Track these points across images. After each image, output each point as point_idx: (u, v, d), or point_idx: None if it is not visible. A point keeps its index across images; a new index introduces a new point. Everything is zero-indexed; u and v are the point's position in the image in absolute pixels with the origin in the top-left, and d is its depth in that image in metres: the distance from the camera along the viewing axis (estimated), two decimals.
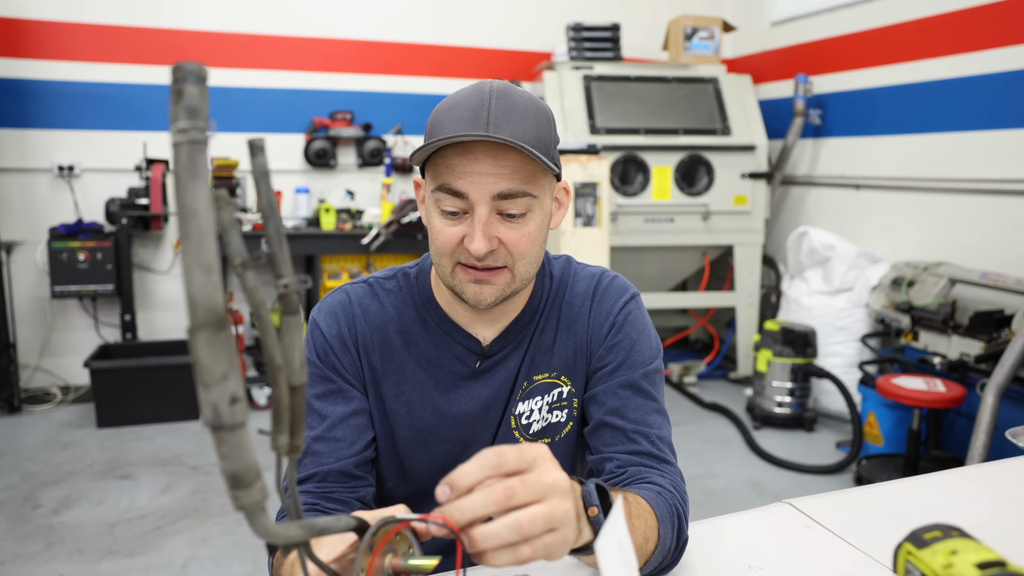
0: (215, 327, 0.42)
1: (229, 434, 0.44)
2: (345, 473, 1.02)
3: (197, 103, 0.40)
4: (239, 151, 4.35)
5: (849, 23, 4.25)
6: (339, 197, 4.57)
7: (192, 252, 0.41)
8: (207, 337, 0.42)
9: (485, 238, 0.94)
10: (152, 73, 4.26)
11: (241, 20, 4.40)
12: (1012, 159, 3.37)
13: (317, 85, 4.56)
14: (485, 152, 0.93)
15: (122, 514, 2.85)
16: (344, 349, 1.07)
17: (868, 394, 3.48)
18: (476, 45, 4.86)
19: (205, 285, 0.41)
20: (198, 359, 0.42)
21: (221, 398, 0.43)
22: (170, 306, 4.43)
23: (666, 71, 4.47)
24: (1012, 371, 2.79)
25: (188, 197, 0.40)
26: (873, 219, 4.15)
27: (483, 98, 0.93)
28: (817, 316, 3.98)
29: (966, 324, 3.25)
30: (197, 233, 0.41)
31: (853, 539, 1.10)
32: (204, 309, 0.41)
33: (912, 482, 1.34)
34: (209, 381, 0.42)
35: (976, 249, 3.54)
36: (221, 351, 0.42)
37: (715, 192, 4.32)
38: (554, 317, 1.12)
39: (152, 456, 3.41)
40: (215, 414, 0.43)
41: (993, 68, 3.44)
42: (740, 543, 1.08)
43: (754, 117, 4.43)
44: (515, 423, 1.11)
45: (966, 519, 1.20)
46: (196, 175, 0.41)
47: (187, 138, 0.40)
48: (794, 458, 3.49)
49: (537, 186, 0.97)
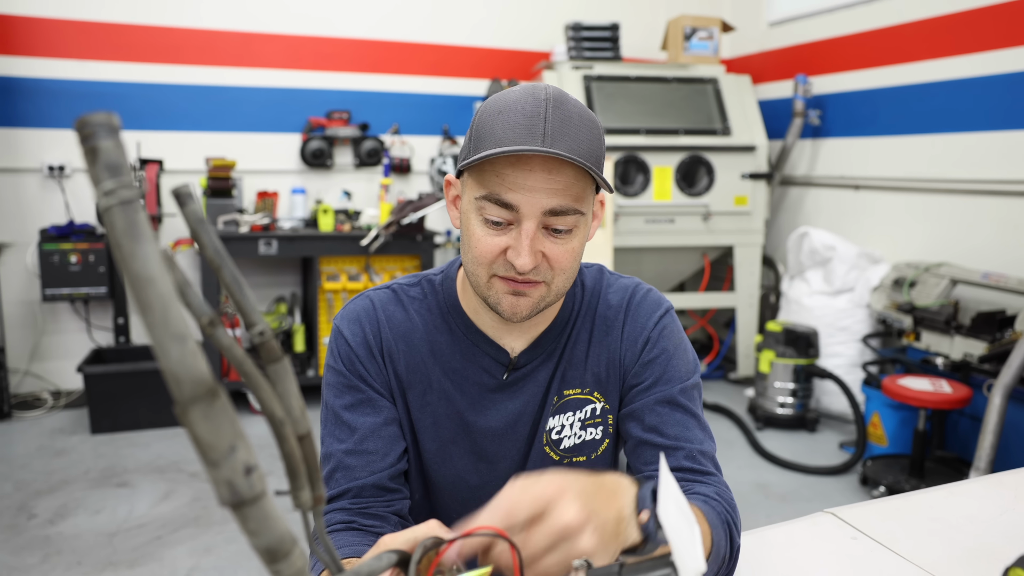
0: (208, 398, 0.37)
1: (253, 508, 0.39)
2: (380, 487, 0.99)
3: (117, 158, 0.35)
4: (235, 151, 4.29)
5: (847, 24, 4.24)
6: (336, 198, 4.51)
7: (159, 324, 0.35)
8: (202, 411, 0.37)
9: (531, 253, 0.91)
10: (146, 71, 4.18)
11: (237, 18, 4.33)
12: (1012, 160, 3.37)
13: (313, 84, 4.50)
14: (541, 165, 0.88)
15: (121, 523, 2.79)
16: (370, 356, 1.03)
17: (872, 395, 3.47)
18: (474, 44, 4.82)
19: (184, 356, 0.35)
20: (198, 437, 0.37)
21: (234, 473, 0.38)
22: None
23: (666, 71, 4.45)
24: (1019, 372, 2.78)
25: (138, 265, 0.35)
26: (872, 220, 4.14)
27: (538, 105, 0.89)
28: (818, 317, 3.97)
29: (968, 325, 3.25)
30: (159, 302, 0.35)
31: (902, 550, 1.08)
32: (191, 383, 0.36)
33: (951, 489, 1.32)
34: (217, 458, 0.37)
35: (977, 250, 3.54)
36: (221, 422, 0.37)
37: (715, 192, 4.31)
38: (586, 329, 1.09)
39: (149, 463, 3.34)
40: (232, 491, 0.38)
41: (993, 70, 3.44)
42: (787, 556, 1.05)
43: (754, 117, 4.42)
44: (546, 439, 1.07)
45: (1010, 527, 1.18)
46: (140, 238, 0.35)
47: (117, 199, 0.35)
48: (797, 459, 3.48)
49: (585, 203, 0.94)
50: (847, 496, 3.18)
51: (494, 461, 1.08)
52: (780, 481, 3.31)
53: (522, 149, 0.85)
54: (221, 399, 0.37)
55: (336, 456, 0.99)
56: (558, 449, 1.08)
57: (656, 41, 4.99)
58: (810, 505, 3.06)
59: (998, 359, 3.05)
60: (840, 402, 3.89)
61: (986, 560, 1.05)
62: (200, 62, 4.28)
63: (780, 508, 3.04)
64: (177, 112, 4.28)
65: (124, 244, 0.35)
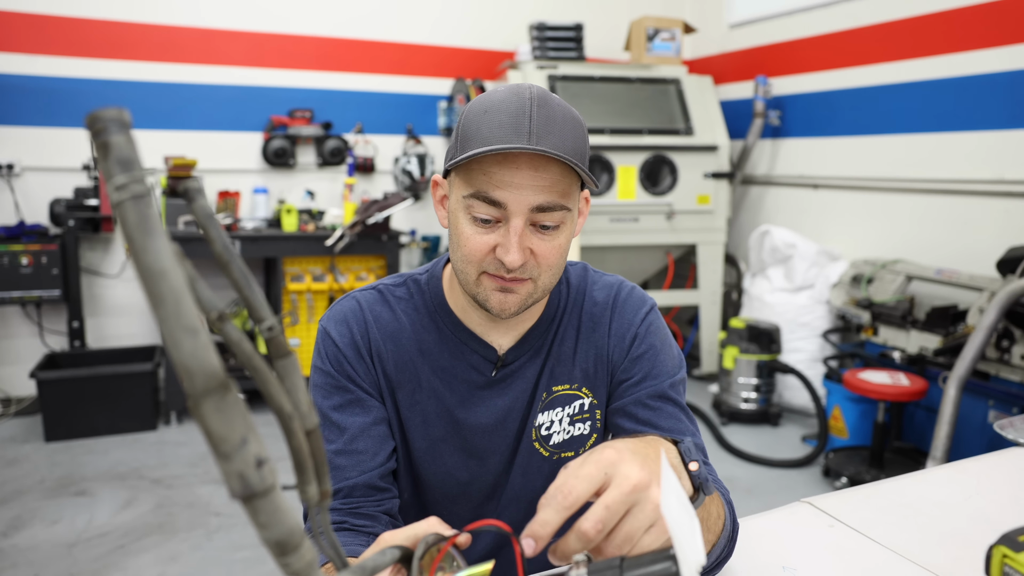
0: (220, 391, 0.37)
1: (264, 501, 0.39)
2: (370, 486, 0.99)
3: (129, 153, 0.35)
4: (195, 150, 4.21)
5: (806, 27, 4.33)
6: (299, 197, 4.45)
7: (172, 317, 0.35)
8: (215, 404, 0.37)
9: (520, 250, 0.92)
10: (99, 67, 4.07)
11: (197, 14, 4.25)
12: (961, 160, 3.48)
13: (275, 82, 4.44)
14: (527, 163, 0.90)
15: (80, 533, 2.70)
16: (358, 357, 1.04)
17: (833, 389, 3.55)
18: (438, 43, 4.80)
19: (196, 349, 0.36)
20: (211, 430, 0.37)
21: (246, 465, 0.38)
22: (121, 312, 4.25)
23: (629, 71, 4.49)
24: (972, 364, 2.87)
25: (151, 258, 0.35)
26: (831, 218, 4.23)
27: (523, 104, 0.90)
28: (780, 313, 4.05)
29: (923, 319, 3.35)
30: (171, 295, 0.35)
31: (876, 535, 1.10)
32: (203, 376, 0.36)
33: (919, 477, 1.36)
34: (228, 451, 0.37)
35: (930, 247, 3.64)
36: (233, 415, 0.37)
37: (679, 192, 4.35)
38: (573, 326, 1.10)
39: (108, 470, 3.25)
40: (244, 484, 0.38)
41: (944, 73, 3.54)
42: (769, 544, 1.07)
43: (716, 118, 4.48)
44: (535, 435, 1.08)
45: (976, 511, 1.21)
46: (152, 232, 0.35)
47: (129, 194, 0.35)
48: (762, 453, 3.54)
49: (572, 199, 0.95)
50: (811, 488, 3.24)
51: (483, 457, 1.08)
52: (746, 475, 3.36)
53: (509, 147, 0.86)
54: (233, 392, 0.37)
55: (327, 457, 0.98)
56: (547, 445, 1.09)
57: (619, 42, 5.03)
58: (776, 498, 3.11)
59: (952, 352, 3.14)
60: (802, 396, 3.96)
61: (957, 543, 1.08)
62: (158, 59, 4.19)
63: (747, 501, 3.09)
64: (134, 109, 4.18)
65: (136, 238, 0.35)
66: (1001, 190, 3.30)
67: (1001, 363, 3.01)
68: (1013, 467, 1.39)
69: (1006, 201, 3.30)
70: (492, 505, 1.11)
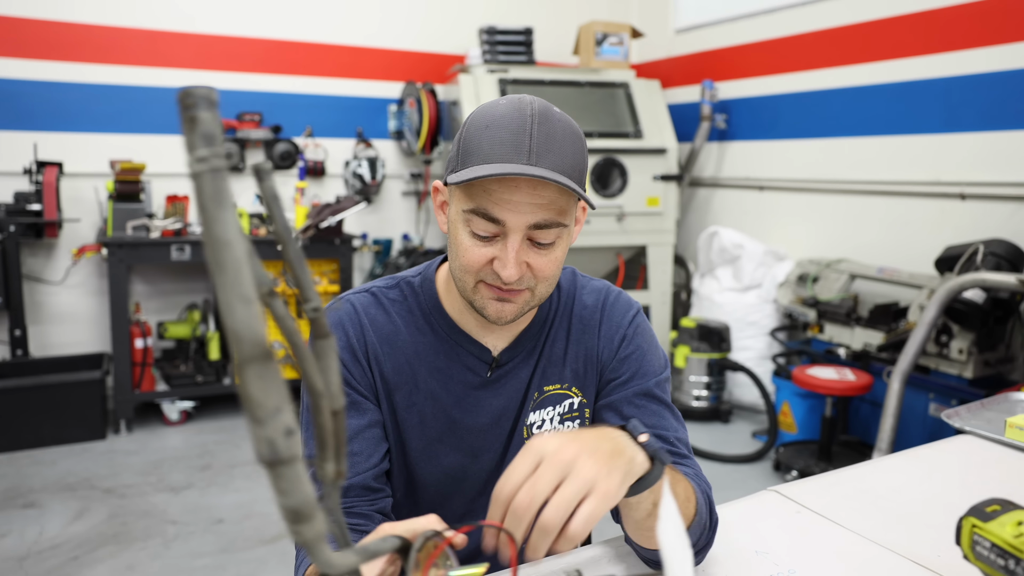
0: (263, 359, 0.40)
1: (287, 468, 0.42)
2: (364, 487, 1.02)
3: (213, 129, 0.39)
4: (141, 153, 4.11)
5: (751, 33, 4.46)
6: (248, 201, 4.39)
7: (230, 284, 0.39)
8: (257, 371, 0.40)
9: (517, 265, 0.95)
10: (39, 68, 3.95)
11: (141, 15, 4.15)
12: (900, 163, 3.62)
13: (223, 85, 4.37)
14: (527, 183, 0.93)
15: (31, 546, 2.63)
16: (354, 361, 1.06)
17: (782, 385, 3.65)
18: (388, 46, 4.79)
19: (248, 317, 0.39)
20: (249, 395, 0.40)
21: (276, 432, 0.41)
22: (65, 319, 4.13)
23: (579, 75, 4.55)
24: (914, 359, 2.99)
25: (219, 228, 0.39)
26: (776, 219, 4.36)
27: (524, 122, 0.93)
28: (728, 312, 4.15)
29: (867, 316, 3.47)
30: (233, 264, 0.39)
31: (840, 519, 1.15)
32: (250, 342, 0.39)
33: (875, 464, 1.43)
34: (262, 416, 0.40)
35: (872, 246, 3.78)
36: (272, 383, 0.40)
37: (629, 194, 4.43)
38: (564, 328, 1.14)
39: (57, 481, 3.16)
40: (272, 449, 0.41)
41: (883, 79, 3.69)
42: (742, 530, 1.11)
43: (664, 121, 4.57)
44: (527, 433, 1.12)
45: (930, 494, 1.28)
46: (223, 204, 0.39)
47: (208, 167, 0.39)
48: (714, 449, 3.62)
49: (569, 216, 0.99)
50: (763, 482, 3.33)
51: (478, 455, 1.11)
52: None
53: (508, 172, 0.89)
54: (274, 363, 0.40)
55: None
56: None
57: (568, 46, 5.09)
58: (729, 492, 3.18)
59: (894, 348, 3.27)
60: (752, 393, 4.07)
61: (914, 523, 1.14)
62: (102, 60, 4.08)
63: None
64: (77, 112, 4.07)
65: (209, 208, 0.38)
66: (938, 191, 3.46)
67: (940, 357, 3.14)
68: (961, 453, 1.47)
69: (942, 202, 3.45)
70: (483, 500, 1.13)
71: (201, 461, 3.43)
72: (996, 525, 0.63)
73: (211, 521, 2.86)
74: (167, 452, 3.53)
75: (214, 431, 3.82)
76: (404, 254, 4.64)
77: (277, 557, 2.62)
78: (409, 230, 4.98)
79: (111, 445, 3.59)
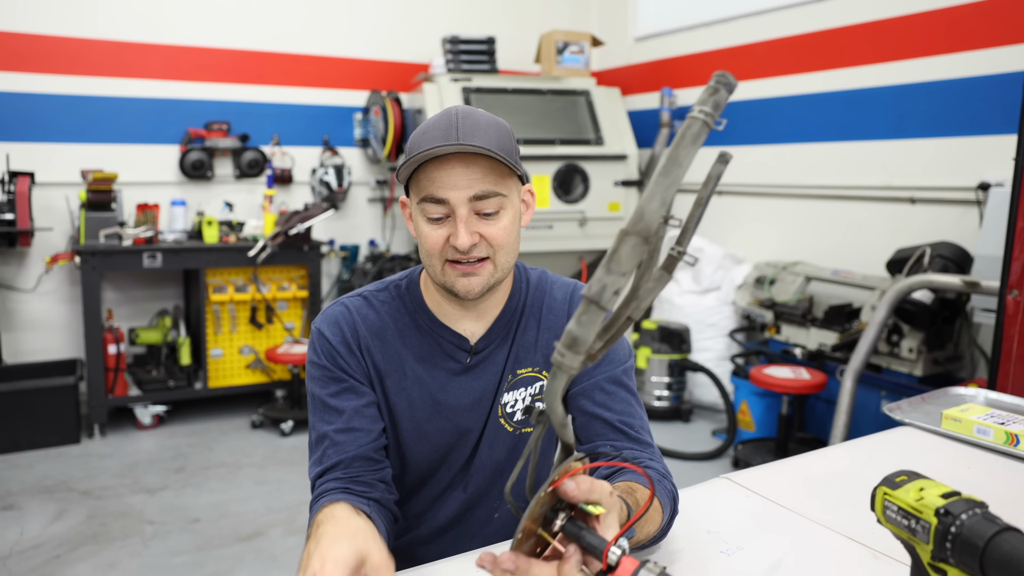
0: (642, 239, 0.56)
1: (597, 312, 0.56)
2: (367, 458, 1.14)
3: (721, 102, 0.59)
4: (111, 163, 4.11)
5: (708, 41, 4.57)
6: (217, 209, 4.39)
7: (661, 185, 0.57)
8: (633, 243, 0.56)
9: (468, 233, 1.08)
10: (11, 80, 3.94)
11: (107, 27, 4.16)
12: (851, 168, 3.75)
13: (191, 95, 4.38)
14: (458, 161, 1.07)
15: (12, 547, 2.66)
16: (349, 352, 1.18)
17: (740, 384, 3.75)
18: (353, 56, 4.82)
19: (655, 211, 0.56)
20: (617, 252, 0.56)
21: (613, 284, 0.56)
22: (37, 326, 4.10)
23: (541, 83, 4.63)
24: (866, 358, 3.10)
25: (681, 153, 0.58)
26: (735, 223, 4.47)
27: (451, 119, 1.07)
28: (689, 314, 4.24)
29: (822, 317, 3.58)
30: (674, 177, 0.57)
31: (785, 502, 1.23)
32: (643, 224, 0.56)
33: (819, 454, 1.51)
34: (614, 268, 0.56)
35: (827, 249, 3.90)
36: (635, 255, 0.56)
37: (591, 199, 4.51)
38: (535, 318, 1.26)
39: (35, 484, 3.19)
40: (599, 292, 0.56)
41: (835, 87, 3.82)
42: (695, 512, 1.18)
43: (624, 128, 4.66)
44: (501, 411, 1.23)
45: (868, 479, 1.34)
46: (693, 144, 0.58)
47: (703, 118, 0.58)
48: (675, 447, 3.70)
49: (506, 186, 1.11)
50: None
51: (462, 434, 1.23)
52: None
53: (437, 148, 1.04)
54: (644, 249, 0.58)
55: (328, 435, 1.15)
56: (511, 421, 1.24)
57: (530, 55, 5.16)
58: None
59: (848, 347, 3.38)
60: (711, 393, 4.16)
61: (852, 505, 1.21)
62: (70, 71, 4.08)
63: None
64: (48, 123, 4.06)
65: (684, 140, 0.59)
66: (888, 195, 3.58)
67: (891, 356, 3.26)
68: (900, 443, 1.55)
69: (893, 206, 3.58)
70: (463, 474, 1.25)
71: (175, 463, 3.46)
72: (902, 492, 0.70)
73: (187, 520, 2.90)
74: (141, 455, 3.55)
75: (187, 434, 3.83)
76: (371, 259, 4.67)
77: (253, 554, 2.67)
78: (375, 236, 5.00)
79: (86, 449, 3.61)
